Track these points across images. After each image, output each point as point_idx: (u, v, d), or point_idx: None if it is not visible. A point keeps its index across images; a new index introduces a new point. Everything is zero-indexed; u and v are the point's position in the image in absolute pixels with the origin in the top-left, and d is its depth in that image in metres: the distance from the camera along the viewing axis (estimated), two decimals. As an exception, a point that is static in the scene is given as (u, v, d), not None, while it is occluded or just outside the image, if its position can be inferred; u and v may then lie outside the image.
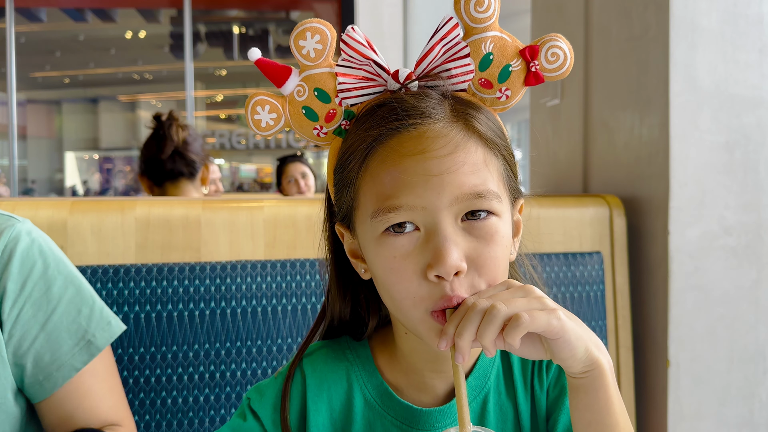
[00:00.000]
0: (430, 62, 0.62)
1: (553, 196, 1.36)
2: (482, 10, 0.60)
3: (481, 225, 0.58)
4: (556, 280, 1.22)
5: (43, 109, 10.17)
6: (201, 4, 6.85)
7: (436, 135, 0.58)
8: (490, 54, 0.61)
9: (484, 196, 0.58)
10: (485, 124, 0.60)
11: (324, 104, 0.63)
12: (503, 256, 0.60)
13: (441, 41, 0.61)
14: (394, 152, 0.58)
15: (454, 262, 0.56)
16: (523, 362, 0.71)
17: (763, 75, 1.25)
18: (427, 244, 0.58)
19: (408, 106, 0.59)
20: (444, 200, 0.57)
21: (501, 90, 0.63)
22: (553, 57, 0.61)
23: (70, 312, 0.82)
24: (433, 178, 0.57)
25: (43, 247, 0.83)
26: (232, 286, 1.07)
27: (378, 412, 0.68)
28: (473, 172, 0.58)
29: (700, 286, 1.25)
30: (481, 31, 0.61)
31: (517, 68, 0.62)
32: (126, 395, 1.03)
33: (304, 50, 0.61)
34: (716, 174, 1.25)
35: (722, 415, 1.26)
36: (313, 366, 0.70)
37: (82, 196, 7.60)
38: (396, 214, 0.58)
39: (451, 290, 0.57)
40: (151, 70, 9.50)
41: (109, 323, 0.85)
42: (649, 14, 1.28)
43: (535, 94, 1.79)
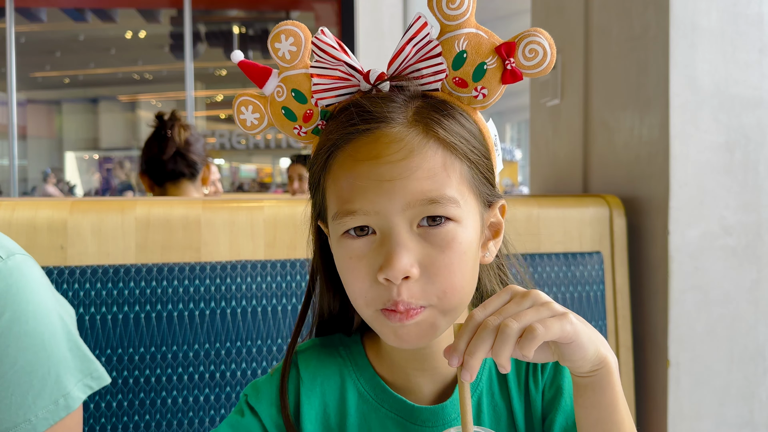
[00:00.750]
0: (401, 63, 0.61)
1: (553, 196, 1.36)
2: (455, 7, 0.58)
3: (436, 232, 0.58)
4: (556, 280, 1.22)
5: (43, 109, 10.18)
6: (201, 4, 6.85)
7: (391, 140, 0.57)
8: (463, 52, 0.60)
9: (438, 202, 0.57)
10: (449, 128, 0.59)
11: (301, 105, 0.63)
12: (460, 263, 0.59)
13: (411, 41, 0.60)
14: (351, 157, 0.59)
15: (403, 267, 0.56)
16: (517, 363, 0.70)
17: (762, 75, 1.25)
18: (381, 248, 0.58)
19: (365, 111, 0.59)
20: (396, 205, 0.57)
21: (477, 89, 0.61)
22: (531, 53, 0.59)
23: (20, 383, 0.72)
24: (385, 184, 0.57)
25: (19, 296, 0.73)
26: (232, 286, 1.07)
27: (372, 405, 0.68)
28: (428, 178, 0.57)
29: (700, 286, 1.25)
30: (455, 29, 0.59)
31: (493, 66, 0.60)
32: (126, 395, 1.03)
33: (280, 52, 0.62)
34: (716, 174, 1.25)
35: (722, 415, 1.26)
36: (306, 362, 0.71)
37: (82, 196, 7.60)
38: (352, 219, 0.59)
39: (398, 294, 0.57)
40: (151, 70, 9.50)
41: (56, 403, 0.74)
42: (649, 14, 1.28)
43: (535, 94, 1.79)
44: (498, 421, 0.68)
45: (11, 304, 0.72)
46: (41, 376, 0.74)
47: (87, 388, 0.78)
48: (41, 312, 0.75)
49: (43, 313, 0.75)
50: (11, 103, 6.20)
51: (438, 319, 0.60)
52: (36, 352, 0.74)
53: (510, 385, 0.69)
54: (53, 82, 9.96)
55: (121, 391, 1.03)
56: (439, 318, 0.60)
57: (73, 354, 0.78)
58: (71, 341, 0.78)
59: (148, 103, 10.00)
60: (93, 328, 1.03)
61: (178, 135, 1.86)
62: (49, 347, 0.75)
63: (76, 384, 0.77)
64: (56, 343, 0.76)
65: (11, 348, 0.72)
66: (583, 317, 0.57)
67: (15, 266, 0.74)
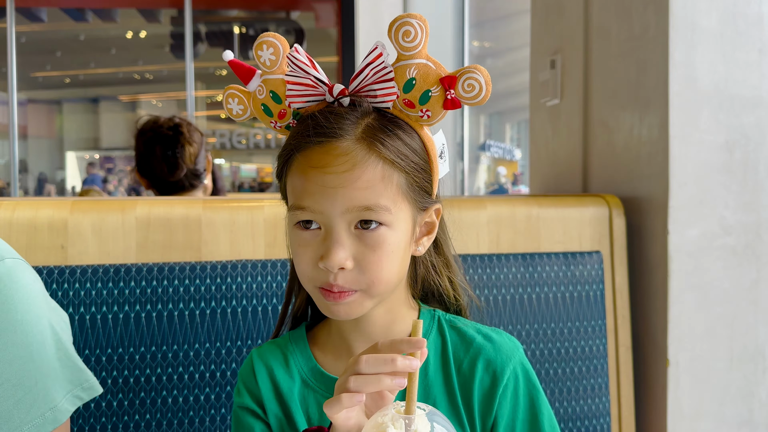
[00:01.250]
0: (360, 82, 0.71)
1: (552, 196, 1.36)
2: (409, 40, 0.68)
3: (369, 234, 0.69)
4: (555, 279, 1.23)
5: (44, 109, 10.18)
6: (201, 4, 6.85)
7: (339, 153, 0.68)
8: (413, 79, 0.70)
9: (373, 209, 0.68)
10: (390, 146, 0.70)
11: (277, 104, 0.74)
12: (388, 259, 0.71)
13: (369, 65, 0.70)
14: (304, 162, 0.70)
15: (339, 261, 0.68)
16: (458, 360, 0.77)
17: (762, 75, 1.25)
18: (324, 241, 0.70)
19: (320, 125, 0.69)
20: (337, 209, 0.68)
21: (422, 110, 0.71)
22: (469, 87, 0.69)
23: (6, 396, 0.70)
24: (329, 190, 0.68)
25: (7, 304, 0.71)
26: (232, 286, 1.08)
27: (311, 388, 0.79)
28: (367, 188, 0.68)
29: (700, 286, 1.25)
30: (408, 58, 0.69)
31: (437, 94, 0.70)
32: (126, 395, 1.04)
33: (262, 59, 0.73)
34: (716, 174, 1.25)
35: (722, 415, 1.27)
36: (260, 355, 0.82)
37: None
38: (302, 213, 0.70)
39: (334, 279, 0.70)
40: (151, 70, 9.50)
41: (43, 417, 0.72)
42: (649, 14, 1.28)
43: (535, 93, 1.79)
44: (426, 398, 0.76)
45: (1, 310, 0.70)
46: (28, 389, 0.72)
47: (77, 399, 0.77)
48: (30, 322, 0.73)
49: (33, 322, 0.73)
50: (12, 103, 6.20)
51: (365, 301, 0.72)
52: (23, 364, 0.71)
53: (452, 375, 0.77)
54: (54, 82, 9.97)
55: (121, 391, 1.03)
56: (367, 300, 0.72)
57: (63, 364, 0.76)
58: (61, 351, 0.77)
59: (148, 103, 10.00)
60: (93, 327, 1.03)
61: (189, 158, 1.80)
62: (38, 359, 0.73)
63: (65, 396, 0.75)
64: (45, 354, 0.74)
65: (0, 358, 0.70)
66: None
67: (5, 272, 0.72)
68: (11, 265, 0.74)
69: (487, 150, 10.35)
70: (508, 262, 1.21)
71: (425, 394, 0.76)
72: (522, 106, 8.84)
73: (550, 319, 1.21)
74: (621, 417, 1.28)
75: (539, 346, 1.20)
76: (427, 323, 0.80)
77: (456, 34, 5.13)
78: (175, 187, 1.83)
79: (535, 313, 1.21)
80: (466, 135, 5.44)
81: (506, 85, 9.06)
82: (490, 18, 7.59)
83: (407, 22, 0.68)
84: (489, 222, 1.25)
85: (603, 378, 1.24)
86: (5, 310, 0.70)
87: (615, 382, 1.28)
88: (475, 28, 5.94)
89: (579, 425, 1.21)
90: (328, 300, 0.71)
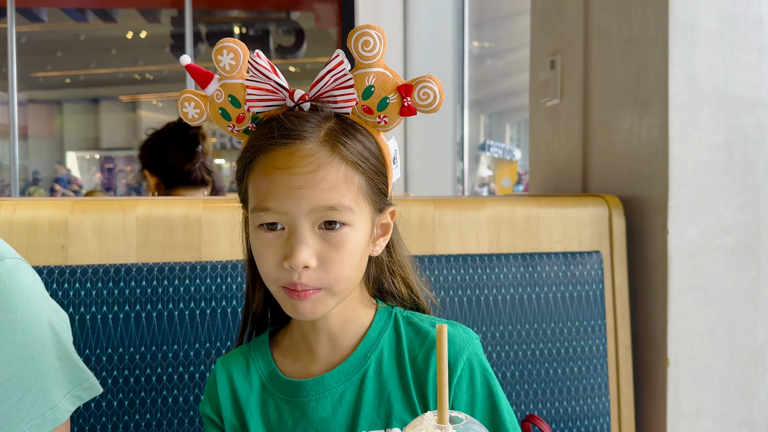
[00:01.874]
0: (320, 88, 0.73)
1: (552, 196, 1.36)
2: (368, 49, 0.72)
3: (333, 234, 0.71)
4: (555, 279, 1.23)
5: (44, 109, 10.18)
6: (202, 4, 6.85)
7: (304, 154, 0.70)
8: (371, 87, 0.73)
9: (337, 209, 0.70)
10: (352, 148, 0.72)
11: (236, 108, 0.75)
12: (351, 258, 0.73)
13: (329, 72, 0.72)
14: (269, 164, 0.71)
15: (303, 260, 0.70)
16: (413, 354, 0.79)
17: (762, 75, 1.26)
18: (287, 241, 0.71)
19: (285, 127, 0.71)
20: (302, 209, 0.70)
21: (380, 116, 0.74)
22: (424, 96, 0.73)
23: (6, 396, 0.71)
24: (294, 191, 0.69)
25: (7, 304, 0.71)
26: (233, 286, 1.08)
27: (269, 391, 0.80)
28: (331, 189, 0.70)
29: (699, 286, 1.25)
30: (367, 66, 0.73)
31: (394, 101, 0.73)
32: (126, 395, 1.04)
33: (221, 63, 0.74)
34: (715, 174, 1.25)
35: (721, 414, 1.27)
36: (223, 363, 0.84)
37: (83, 196, 7.60)
38: (266, 215, 0.71)
39: (298, 278, 0.71)
40: (152, 70, 9.51)
41: (43, 416, 0.73)
42: (649, 14, 1.28)
43: (535, 94, 1.79)
44: (381, 394, 0.78)
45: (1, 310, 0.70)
46: (28, 389, 0.72)
47: (77, 399, 0.77)
48: (30, 322, 0.73)
49: (33, 322, 0.73)
50: (12, 103, 6.20)
51: (328, 299, 0.74)
52: (23, 364, 0.72)
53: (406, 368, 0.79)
54: (54, 82, 9.97)
55: (121, 391, 1.03)
56: (329, 298, 0.74)
57: (63, 364, 0.76)
58: (61, 351, 0.77)
59: (149, 103, 10.01)
60: (93, 327, 1.03)
61: (205, 151, 1.88)
62: (38, 359, 0.73)
63: (64, 396, 0.75)
64: (45, 354, 0.74)
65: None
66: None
67: (5, 272, 0.72)
68: (11, 265, 0.74)
69: (487, 150, 10.35)
70: (507, 262, 1.21)
71: (381, 389, 0.78)
72: (522, 106, 8.85)
73: (550, 319, 1.21)
74: (621, 417, 1.28)
75: (539, 346, 1.21)
76: (383, 320, 0.81)
77: (456, 34, 5.13)
78: (188, 179, 1.87)
79: (535, 313, 1.21)
80: (465, 135, 5.44)
81: (506, 85, 9.06)
82: (490, 18, 7.59)
83: (366, 33, 0.71)
84: (489, 222, 1.25)
85: (603, 378, 1.24)
86: (5, 310, 0.70)
87: (615, 381, 1.28)
88: (475, 28, 5.94)
89: (579, 425, 1.21)
90: (292, 298, 0.73)
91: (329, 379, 0.78)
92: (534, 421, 0.97)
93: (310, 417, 0.77)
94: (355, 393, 0.78)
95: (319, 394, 0.78)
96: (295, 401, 0.78)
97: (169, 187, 1.90)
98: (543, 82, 1.71)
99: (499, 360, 1.18)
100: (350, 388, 0.78)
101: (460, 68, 5.19)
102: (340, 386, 0.78)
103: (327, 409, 0.77)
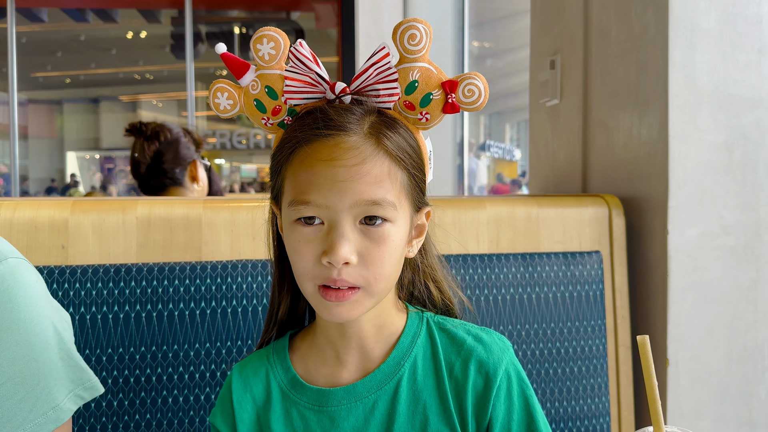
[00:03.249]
0: (362, 81, 0.71)
1: (552, 196, 1.36)
2: (414, 43, 0.70)
3: (374, 230, 0.69)
4: (555, 279, 1.23)
5: (44, 109, 10.19)
6: (202, 4, 6.86)
7: (349, 147, 0.68)
8: (415, 82, 0.71)
9: (380, 204, 0.68)
10: (396, 142, 0.70)
11: (272, 100, 0.73)
12: (391, 256, 0.70)
13: (373, 65, 0.70)
14: (312, 155, 0.68)
15: (344, 255, 0.67)
16: (449, 363, 0.77)
17: (761, 75, 1.26)
18: (327, 236, 0.68)
19: (330, 118, 0.69)
20: (346, 203, 0.67)
21: (422, 113, 0.73)
22: (469, 93, 0.71)
23: (9, 394, 0.70)
24: (338, 183, 0.67)
25: (11, 303, 0.71)
26: (233, 286, 1.08)
27: (292, 400, 0.77)
28: (375, 183, 0.68)
29: (699, 286, 1.25)
30: (411, 61, 0.71)
31: (438, 97, 0.72)
32: (126, 395, 1.04)
33: (260, 53, 0.72)
34: (715, 174, 1.25)
35: (721, 414, 1.27)
36: (240, 371, 0.81)
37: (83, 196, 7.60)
38: (306, 208, 0.68)
39: (338, 274, 0.68)
40: (152, 70, 9.51)
41: (45, 415, 0.73)
42: (648, 14, 1.28)
43: (535, 94, 1.79)
44: (416, 404, 0.75)
45: (2, 313, 0.70)
46: (31, 387, 0.72)
47: (78, 398, 0.77)
48: (33, 321, 0.73)
49: (35, 321, 0.73)
50: (12, 103, 6.20)
51: (366, 300, 0.71)
52: (26, 363, 0.72)
53: (442, 377, 0.76)
54: (54, 82, 9.97)
55: (121, 391, 1.03)
56: (367, 299, 0.71)
57: (65, 364, 0.76)
58: (63, 350, 0.77)
59: (149, 103, 10.01)
60: (93, 327, 1.03)
61: (144, 153, 1.83)
62: (40, 358, 0.73)
63: (67, 395, 0.75)
64: (48, 354, 0.74)
65: (0, 358, 0.70)
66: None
67: (8, 271, 0.72)
68: (14, 265, 0.74)
69: (486, 150, 10.36)
70: (507, 262, 1.21)
71: (415, 399, 0.75)
72: (522, 107, 8.86)
73: (549, 318, 1.21)
74: (621, 417, 1.28)
75: (539, 346, 1.21)
76: (415, 325, 0.79)
77: (456, 34, 5.13)
78: (154, 187, 1.87)
79: (535, 312, 1.21)
80: (465, 135, 5.45)
81: (506, 85, 9.05)
82: (490, 18, 7.59)
83: (413, 26, 0.70)
84: (489, 222, 1.25)
85: (603, 378, 1.24)
86: (8, 309, 0.70)
87: (615, 381, 1.28)
88: (475, 29, 5.94)
89: (579, 425, 1.21)
90: (328, 300, 0.70)
91: (361, 388, 0.75)
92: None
93: (342, 427, 0.74)
94: (388, 402, 0.75)
95: (351, 403, 0.75)
96: (325, 410, 0.75)
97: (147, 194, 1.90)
98: (543, 82, 1.71)
99: (499, 360, 1.18)
100: (383, 398, 0.75)
101: (460, 68, 5.19)
102: (372, 395, 0.75)
103: (359, 419, 0.74)
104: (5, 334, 0.70)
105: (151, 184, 1.86)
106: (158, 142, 1.85)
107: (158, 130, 1.86)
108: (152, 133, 1.85)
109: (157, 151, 1.84)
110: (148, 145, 1.84)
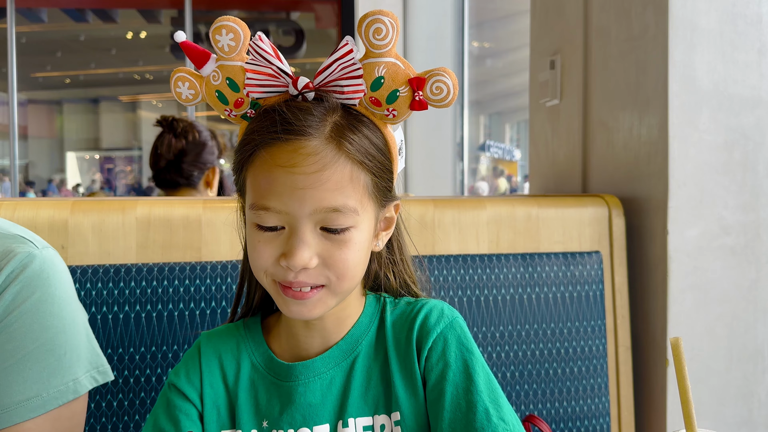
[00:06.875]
0: (326, 77, 0.69)
1: (552, 196, 1.36)
2: (380, 37, 0.67)
3: (336, 236, 0.68)
4: (555, 279, 1.23)
5: (44, 109, 10.19)
6: (202, 4, 6.86)
7: (309, 153, 0.66)
8: (381, 78, 0.69)
9: (341, 211, 0.67)
10: (358, 145, 0.68)
11: (234, 92, 0.71)
12: (354, 257, 0.70)
13: (337, 60, 0.68)
14: (270, 160, 0.67)
15: (302, 261, 0.67)
16: (396, 336, 0.77)
17: (761, 75, 1.26)
18: (287, 240, 0.68)
19: (289, 122, 0.66)
20: (305, 210, 0.66)
21: (388, 109, 0.70)
22: (437, 90, 0.69)
23: (38, 359, 0.76)
24: (298, 191, 0.66)
25: (50, 280, 0.78)
26: (232, 286, 1.08)
27: (261, 373, 0.78)
28: (336, 189, 0.66)
29: (699, 286, 1.25)
30: (377, 56, 0.68)
31: (404, 94, 0.69)
32: (126, 395, 1.04)
33: (220, 44, 0.69)
34: (715, 174, 1.25)
35: (721, 414, 1.27)
36: (209, 338, 0.81)
37: (83, 196, 7.60)
38: (266, 214, 0.68)
39: (295, 277, 0.68)
40: (151, 70, 9.51)
41: (67, 385, 0.78)
42: (648, 14, 1.28)
43: (535, 94, 1.79)
44: (369, 380, 0.76)
45: (41, 286, 0.77)
46: (58, 357, 0.77)
47: (93, 380, 0.82)
48: (66, 299, 0.80)
49: (68, 300, 0.80)
50: (12, 104, 6.20)
51: (328, 299, 0.71)
52: (57, 333, 0.78)
53: (390, 353, 0.76)
54: (54, 83, 9.97)
55: (121, 391, 1.03)
56: (330, 298, 0.71)
57: (88, 344, 0.83)
58: (86, 334, 0.83)
59: (149, 104, 10.01)
60: (94, 328, 1.03)
61: (168, 149, 1.84)
62: (69, 331, 0.79)
63: (84, 373, 0.81)
64: (76, 330, 0.80)
65: (36, 325, 0.76)
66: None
67: (48, 257, 0.80)
68: (53, 254, 0.82)
69: (486, 150, 10.35)
70: (507, 262, 1.21)
71: (368, 376, 0.76)
72: (522, 107, 8.85)
73: (549, 319, 1.21)
74: (621, 417, 1.28)
75: (539, 346, 1.21)
76: (373, 306, 0.79)
77: (456, 34, 5.13)
78: (166, 182, 1.88)
79: (535, 313, 1.21)
80: (465, 135, 5.45)
81: (506, 85, 9.05)
82: (490, 18, 7.59)
83: (379, 20, 0.66)
84: (489, 222, 1.25)
85: (603, 378, 1.24)
86: (48, 285, 0.78)
87: (615, 382, 1.28)
88: (475, 29, 5.94)
89: (579, 425, 1.21)
90: (287, 296, 0.70)
91: (319, 363, 0.76)
92: (534, 421, 0.97)
93: (297, 402, 0.75)
94: (344, 378, 0.76)
95: (309, 378, 0.76)
96: (284, 386, 0.76)
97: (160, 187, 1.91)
98: (543, 83, 1.71)
99: (499, 360, 1.18)
100: (339, 374, 0.76)
101: (460, 68, 5.19)
102: (329, 371, 0.76)
103: (316, 394, 0.75)
104: (42, 304, 0.77)
105: (166, 179, 1.88)
106: (185, 140, 1.87)
107: (188, 129, 1.88)
108: (182, 131, 1.87)
109: (182, 150, 1.86)
110: (175, 142, 1.85)
